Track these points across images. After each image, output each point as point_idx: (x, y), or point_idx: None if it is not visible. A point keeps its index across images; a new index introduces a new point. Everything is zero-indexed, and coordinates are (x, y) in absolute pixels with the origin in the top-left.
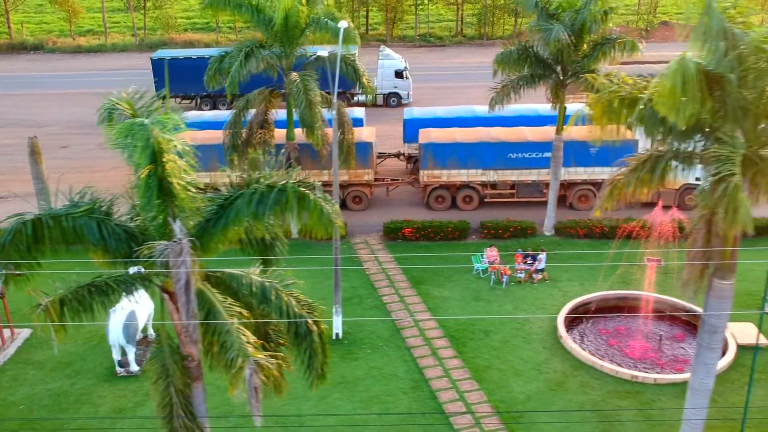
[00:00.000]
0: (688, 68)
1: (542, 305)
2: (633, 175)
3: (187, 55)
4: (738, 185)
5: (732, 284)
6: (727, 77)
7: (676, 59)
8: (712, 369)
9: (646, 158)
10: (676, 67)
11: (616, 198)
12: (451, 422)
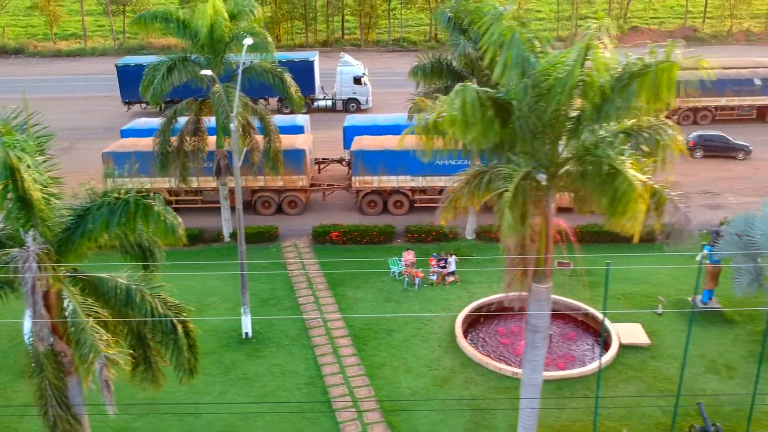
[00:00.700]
0: (467, 95)
1: (448, 306)
2: (465, 188)
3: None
4: (507, 201)
5: (549, 288)
6: (512, 103)
7: (458, 87)
8: (538, 366)
9: (475, 173)
10: (455, 95)
11: (453, 208)
12: (335, 416)
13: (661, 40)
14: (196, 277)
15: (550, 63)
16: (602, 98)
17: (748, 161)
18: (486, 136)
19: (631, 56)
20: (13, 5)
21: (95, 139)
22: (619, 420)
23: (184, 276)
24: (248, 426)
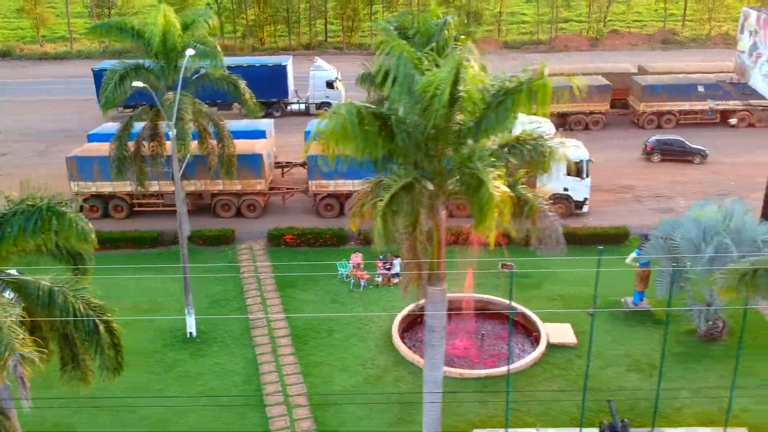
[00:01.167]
0: (345, 110)
1: (391, 307)
2: (368, 197)
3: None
4: (379, 211)
5: (443, 290)
6: (392, 118)
7: (339, 103)
8: (436, 363)
9: (376, 182)
10: (334, 110)
11: (361, 214)
12: (265, 411)
13: (640, 43)
14: (153, 279)
15: (428, 81)
16: (481, 113)
17: (705, 165)
18: (369, 148)
19: (506, 74)
20: (3, 7)
21: (71, 143)
22: (537, 416)
23: (143, 278)
24: (181, 420)
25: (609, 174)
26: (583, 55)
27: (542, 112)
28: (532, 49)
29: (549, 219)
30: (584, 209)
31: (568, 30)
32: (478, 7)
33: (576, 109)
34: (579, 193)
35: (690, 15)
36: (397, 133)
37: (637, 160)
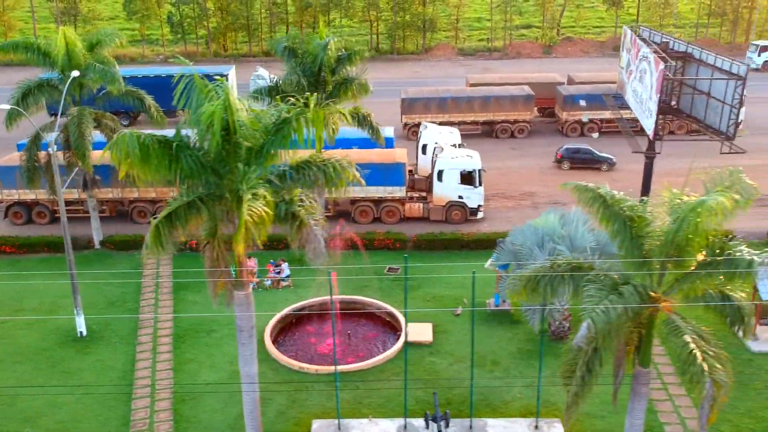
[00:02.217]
0: (129, 140)
1: (274, 307)
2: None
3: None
4: (152, 228)
5: (248, 294)
6: (173, 144)
7: (120, 133)
8: (249, 359)
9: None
10: (116, 140)
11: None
12: (131, 404)
13: (592, 50)
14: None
15: (203, 112)
16: (264, 139)
17: (611, 173)
18: (162, 170)
19: (283, 107)
20: None
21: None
22: (375, 408)
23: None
24: (53, 412)
25: (517, 181)
26: (534, 62)
27: (318, 140)
28: (486, 56)
29: (315, 233)
30: (479, 215)
31: (528, 37)
32: (433, 14)
33: (502, 118)
34: (473, 200)
35: (642, 22)
36: (182, 157)
37: (549, 167)
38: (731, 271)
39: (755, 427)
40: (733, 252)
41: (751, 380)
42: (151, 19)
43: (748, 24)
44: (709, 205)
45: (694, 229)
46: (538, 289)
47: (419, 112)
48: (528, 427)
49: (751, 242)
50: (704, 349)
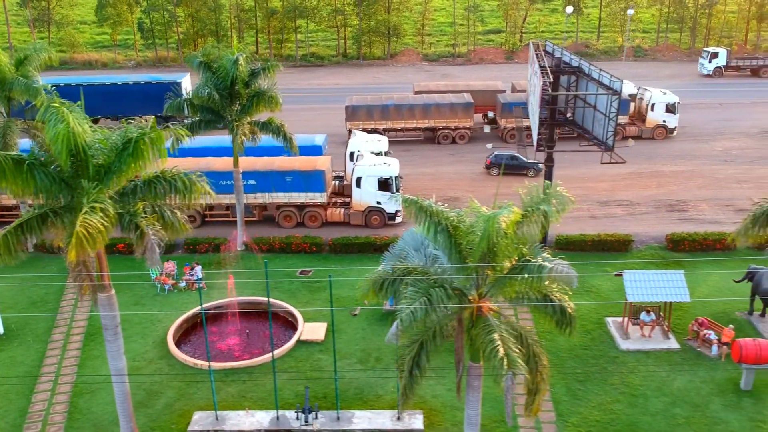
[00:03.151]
0: None
1: (184, 307)
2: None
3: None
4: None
5: (110, 295)
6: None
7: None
8: (116, 355)
9: None
10: None
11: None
12: (32, 396)
13: None
14: None
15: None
16: (114, 157)
17: (537, 178)
18: (21, 185)
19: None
20: None
21: None
22: (257, 401)
23: None
24: None
25: (445, 186)
26: (496, 68)
27: (161, 157)
28: (450, 61)
29: (151, 242)
30: (397, 220)
31: (496, 42)
32: (398, 21)
33: (443, 125)
34: (390, 206)
35: (603, 28)
36: (36, 174)
37: (480, 173)
38: (526, 275)
39: (601, 418)
40: (530, 258)
41: (610, 375)
42: (122, 25)
43: (707, 30)
44: (499, 217)
45: (489, 238)
46: (383, 291)
47: (363, 119)
48: (391, 419)
49: (650, 246)
50: (509, 346)
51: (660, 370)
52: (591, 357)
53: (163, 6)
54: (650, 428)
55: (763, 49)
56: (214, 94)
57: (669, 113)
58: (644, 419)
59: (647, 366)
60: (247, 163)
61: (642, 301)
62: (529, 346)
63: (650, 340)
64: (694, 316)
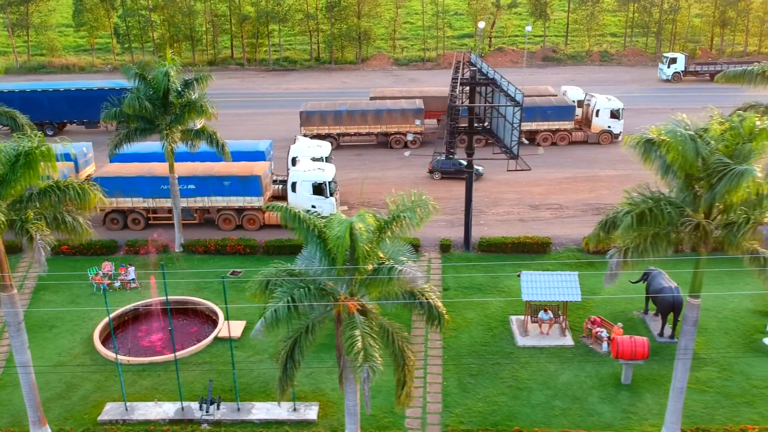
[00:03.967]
0: None
1: (116, 307)
2: None
3: (9, 89)
4: None
5: (12, 295)
6: None
7: None
8: (20, 349)
9: None
10: None
11: None
12: None
13: (522, 60)
14: None
15: None
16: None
17: (476, 183)
18: None
19: (21, 142)
20: None
21: None
22: (168, 393)
23: None
24: None
25: (385, 191)
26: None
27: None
28: (420, 66)
29: (39, 247)
30: None
31: (469, 46)
32: (368, 26)
33: (395, 130)
34: (325, 209)
35: (570, 33)
36: None
37: (423, 178)
38: (380, 277)
39: (484, 409)
40: (384, 261)
41: (502, 370)
42: (99, 30)
43: (672, 35)
44: (355, 224)
45: (348, 244)
46: (267, 290)
47: (317, 124)
48: (287, 410)
49: (568, 248)
50: (368, 341)
51: (550, 365)
52: (488, 352)
53: (138, 11)
54: (527, 419)
55: (727, 55)
56: (146, 104)
57: (614, 119)
58: (524, 410)
59: (538, 361)
60: (188, 169)
61: (536, 300)
62: (396, 343)
63: (547, 337)
64: (598, 315)
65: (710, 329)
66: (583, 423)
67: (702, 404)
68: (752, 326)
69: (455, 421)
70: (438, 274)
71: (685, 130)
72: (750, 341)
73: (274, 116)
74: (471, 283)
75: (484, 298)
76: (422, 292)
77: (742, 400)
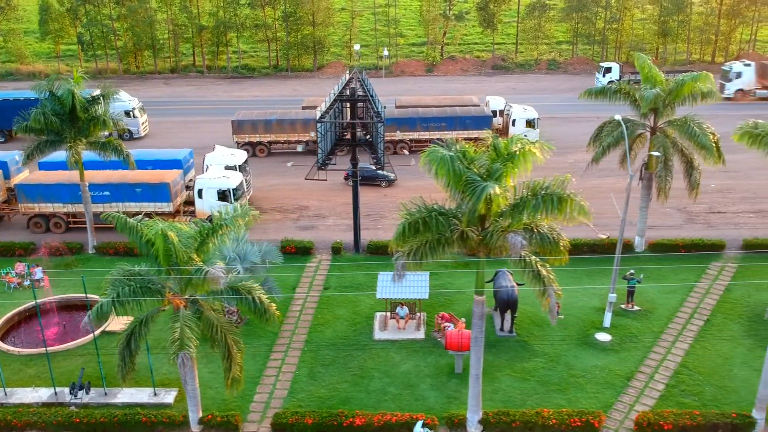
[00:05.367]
0: None
1: (20, 304)
2: None
3: None
4: None
5: None
6: None
7: None
8: None
9: None
10: None
11: None
12: None
13: (472, 68)
14: None
15: None
16: None
17: (389, 189)
18: None
19: None
20: None
21: None
22: (48, 380)
23: None
24: None
25: (301, 196)
26: (415, 80)
27: None
28: (373, 74)
29: None
30: None
31: (424, 56)
32: (322, 36)
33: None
34: None
35: (521, 42)
36: None
37: (339, 184)
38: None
39: (324, 395)
40: (196, 263)
41: (352, 361)
42: (64, 39)
43: (618, 44)
44: (166, 231)
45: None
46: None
47: (248, 133)
48: (149, 395)
49: None
50: (185, 332)
51: (396, 357)
52: (345, 345)
53: (101, 21)
54: (360, 403)
55: (670, 63)
56: (52, 119)
57: (529, 128)
58: (359, 396)
59: (388, 353)
60: (104, 176)
61: (388, 298)
62: (221, 336)
63: (404, 331)
64: (459, 313)
65: (551, 324)
66: (408, 407)
67: (520, 391)
68: (590, 322)
69: (294, 405)
70: (323, 274)
71: (446, 152)
72: (584, 336)
73: (220, 123)
74: (352, 283)
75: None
76: (248, 290)
77: (557, 387)
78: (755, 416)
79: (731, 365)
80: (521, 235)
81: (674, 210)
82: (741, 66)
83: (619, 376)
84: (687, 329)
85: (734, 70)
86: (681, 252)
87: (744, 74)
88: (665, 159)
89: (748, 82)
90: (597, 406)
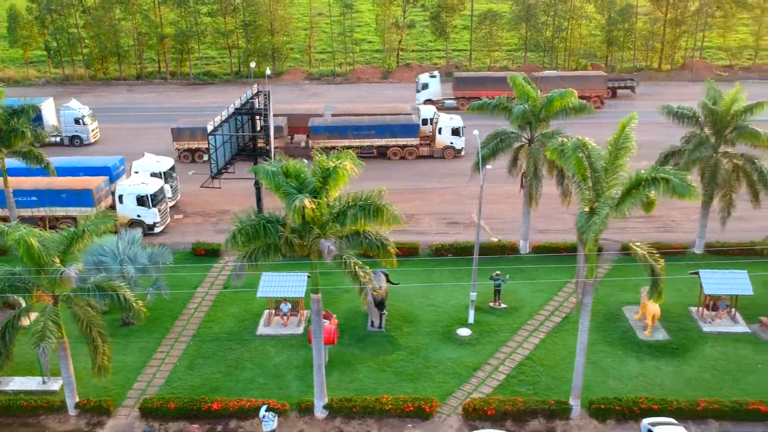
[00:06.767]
0: None
1: None
2: None
3: None
4: None
5: None
6: None
7: None
8: None
9: None
10: None
11: None
12: None
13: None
14: None
15: None
16: None
17: None
18: None
19: None
20: None
21: None
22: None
23: None
24: None
25: (225, 201)
26: (370, 87)
27: None
28: (330, 80)
29: None
30: (156, 230)
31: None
32: (280, 43)
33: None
34: (149, 218)
35: (474, 49)
36: None
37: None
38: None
39: (195, 383)
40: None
41: (230, 353)
42: (32, 46)
43: (568, 52)
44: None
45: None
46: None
47: (187, 140)
48: (38, 383)
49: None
50: (48, 325)
51: (272, 350)
52: (228, 339)
53: (67, 29)
54: (228, 391)
55: (618, 71)
56: None
57: (455, 136)
58: (228, 384)
59: (266, 347)
60: (32, 183)
61: (269, 296)
62: (87, 330)
63: (286, 327)
64: (340, 311)
65: (423, 320)
66: (270, 394)
67: (374, 381)
68: (457, 319)
69: (167, 392)
70: (226, 275)
71: (270, 167)
72: (448, 331)
73: (166, 130)
74: (247, 282)
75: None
76: (113, 288)
77: (410, 377)
78: (571, 403)
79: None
80: (330, 242)
81: (570, 215)
82: (427, 77)
83: (467, 368)
84: (544, 325)
85: (421, 81)
86: (563, 254)
87: (430, 85)
88: (535, 168)
89: (435, 93)
90: (438, 394)
